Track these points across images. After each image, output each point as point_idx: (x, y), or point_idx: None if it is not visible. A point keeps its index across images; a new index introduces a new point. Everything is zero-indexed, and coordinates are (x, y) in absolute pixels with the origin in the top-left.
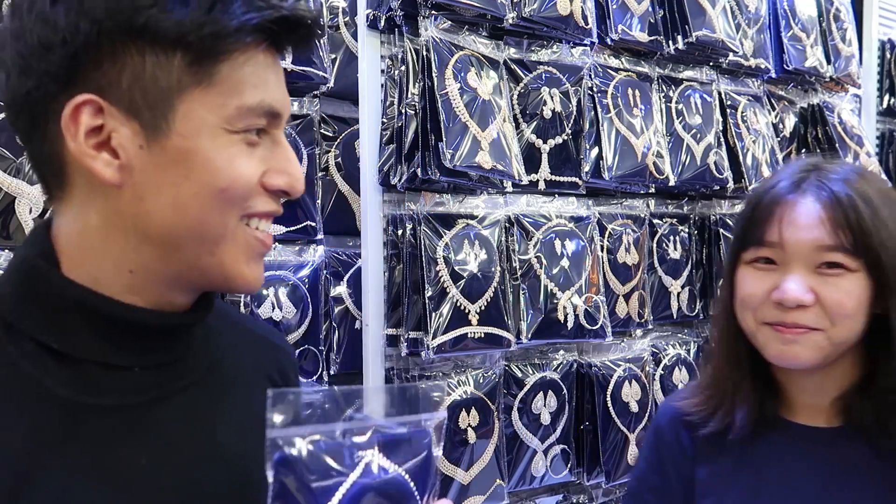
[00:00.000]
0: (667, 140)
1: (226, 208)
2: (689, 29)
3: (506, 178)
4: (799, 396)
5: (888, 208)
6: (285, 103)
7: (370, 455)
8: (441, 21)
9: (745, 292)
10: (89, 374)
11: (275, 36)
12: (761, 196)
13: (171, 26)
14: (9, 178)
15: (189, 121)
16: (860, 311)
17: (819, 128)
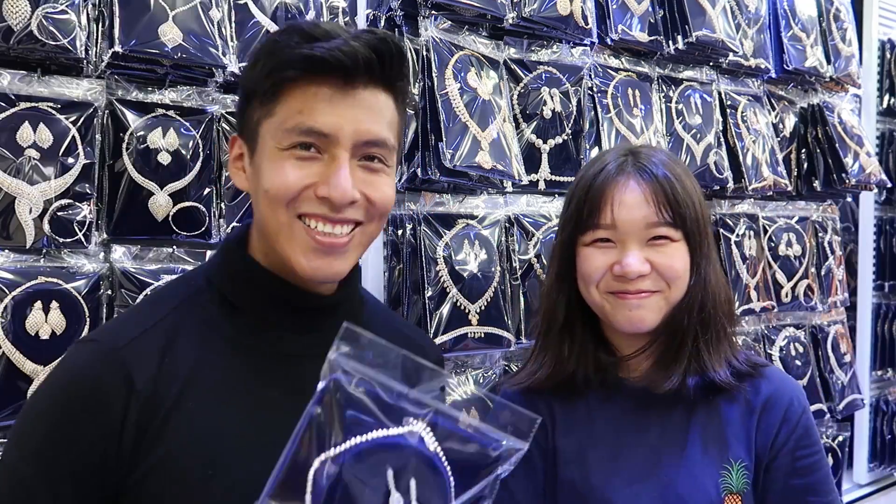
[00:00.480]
0: (667, 140)
1: (275, 207)
2: (689, 29)
3: (506, 178)
4: (630, 359)
5: (688, 179)
6: (335, 125)
7: (418, 426)
8: (441, 21)
9: (590, 269)
10: (253, 325)
11: (321, 73)
12: (591, 182)
13: (248, 83)
14: (9, 178)
15: (262, 144)
16: (686, 273)
17: (819, 128)
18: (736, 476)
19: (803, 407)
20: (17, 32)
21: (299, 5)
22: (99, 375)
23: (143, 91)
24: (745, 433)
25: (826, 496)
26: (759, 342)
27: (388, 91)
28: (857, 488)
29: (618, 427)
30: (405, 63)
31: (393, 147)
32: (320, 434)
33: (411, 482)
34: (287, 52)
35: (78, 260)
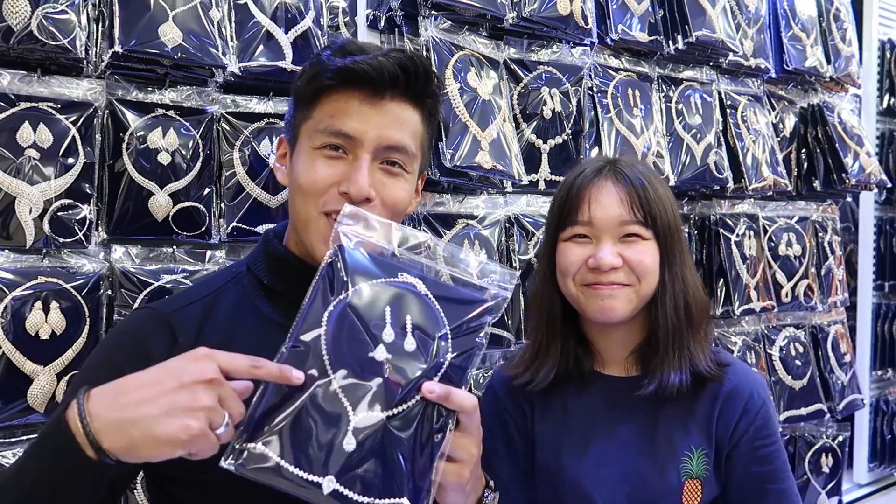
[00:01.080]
0: (667, 140)
1: (306, 200)
2: (689, 29)
3: (506, 178)
4: (606, 352)
5: (662, 188)
6: (360, 130)
7: (411, 278)
8: (441, 21)
9: (567, 262)
10: (285, 305)
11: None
12: (570, 185)
13: (296, 91)
14: (9, 178)
15: (300, 143)
16: (656, 269)
17: (819, 128)
18: (696, 462)
19: (763, 399)
20: (17, 32)
21: (299, 5)
22: (149, 328)
23: (143, 91)
24: (707, 422)
25: (783, 483)
26: (759, 342)
27: (414, 105)
28: (857, 488)
29: (590, 416)
30: (432, 81)
31: (414, 154)
32: (331, 286)
33: (407, 316)
34: (326, 63)
35: (78, 260)
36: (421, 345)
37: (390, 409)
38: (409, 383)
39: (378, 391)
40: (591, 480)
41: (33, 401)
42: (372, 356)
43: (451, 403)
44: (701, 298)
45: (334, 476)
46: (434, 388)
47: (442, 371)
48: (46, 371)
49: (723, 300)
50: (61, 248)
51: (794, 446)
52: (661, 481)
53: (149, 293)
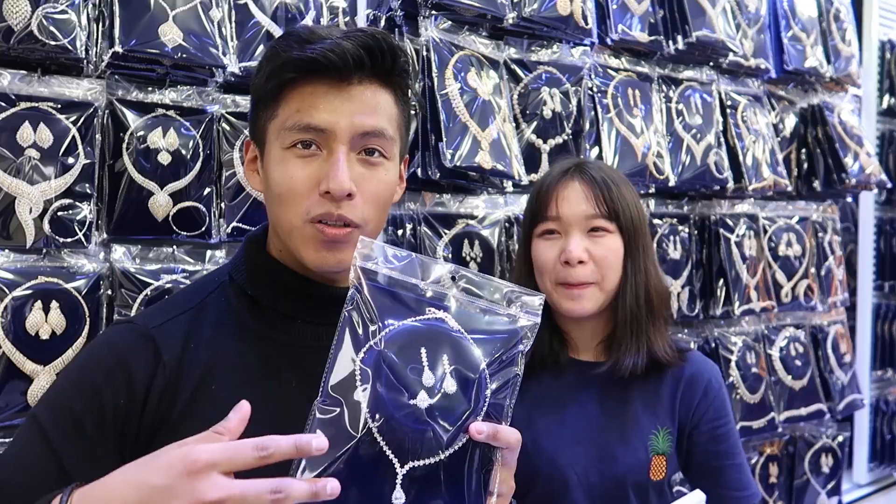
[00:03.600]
0: (667, 140)
1: (287, 209)
2: (689, 29)
3: (506, 178)
4: (580, 341)
5: (626, 188)
6: (330, 121)
7: (439, 313)
8: (441, 21)
9: (542, 259)
10: (271, 316)
11: (316, 73)
12: (540, 185)
13: (255, 90)
14: (9, 178)
15: (269, 145)
16: (619, 263)
17: (819, 128)
18: (662, 440)
19: (720, 384)
20: (17, 32)
21: (299, 5)
22: (131, 344)
23: (143, 91)
24: (671, 404)
25: (737, 458)
26: (759, 342)
27: (384, 86)
28: (857, 488)
29: (564, 397)
30: (399, 59)
31: (392, 138)
32: (357, 332)
33: (443, 357)
34: (284, 56)
35: (78, 260)
36: (462, 385)
37: (438, 455)
38: (456, 426)
39: (424, 439)
40: (565, 457)
41: (33, 401)
42: (414, 403)
43: (498, 441)
44: (662, 290)
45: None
46: (482, 429)
47: (485, 409)
48: (46, 371)
49: (723, 300)
50: (61, 248)
51: (794, 446)
52: (631, 457)
53: (149, 293)
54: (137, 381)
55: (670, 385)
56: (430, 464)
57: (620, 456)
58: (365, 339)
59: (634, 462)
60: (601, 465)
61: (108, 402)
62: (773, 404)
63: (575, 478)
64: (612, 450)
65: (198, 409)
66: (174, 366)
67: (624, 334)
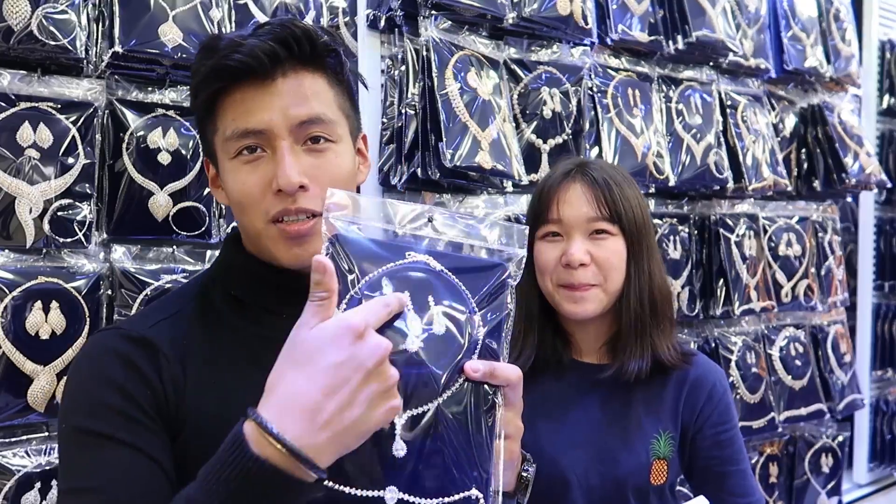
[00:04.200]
0: (667, 140)
1: (248, 215)
2: (689, 29)
3: (506, 178)
4: (582, 342)
5: (630, 188)
6: (265, 120)
7: (420, 256)
8: (441, 21)
9: (542, 261)
10: (255, 314)
11: (235, 79)
12: (542, 187)
13: (193, 109)
14: (9, 178)
15: (220, 158)
16: (622, 265)
17: (819, 128)
18: (664, 444)
19: (725, 388)
20: (17, 32)
21: (299, 5)
22: (128, 349)
23: (143, 91)
24: (674, 408)
25: (741, 464)
26: (759, 342)
27: (311, 70)
28: (857, 488)
29: (566, 399)
30: (318, 40)
31: (333, 121)
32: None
33: (429, 298)
34: (202, 71)
35: (78, 260)
36: (452, 325)
37: (436, 399)
38: (451, 368)
39: (419, 384)
40: (566, 458)
41: (33, 401)
42: (404, 348)
43: (496, 379)
44: (666, 292)
45: (395, 486)
46: (478, 367)
47: (479, 347)
48: (46, 371)
49: (723, 300)
50: (61, 248)
51: (794, 446)
52: (632, 461)
53: (149, 293)
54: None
55: (674, 388)
56: (428, 410)
57: (621, 459)
58: (346, 290)
59: (635, 465)
60: (602, 468)
61: (134, 392)
62: (773, 404)
63: (575, 480)
64: (613, 452)
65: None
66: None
67: (628, 338)
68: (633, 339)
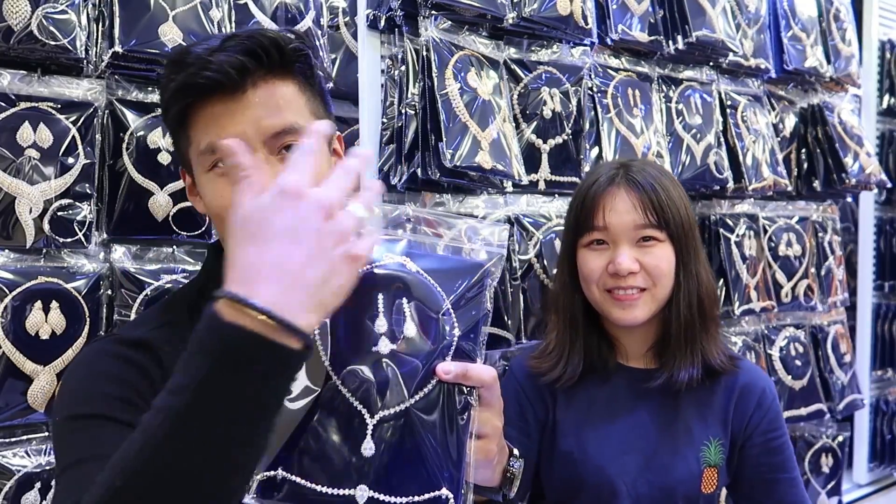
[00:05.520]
0: (667, 140)
1: (227, 226)
2: (689, 29)
3: (506, 178)
4: (629, 347)
5: (676, 190)
6: (238, 133)
7: (399, 258)
8: (441, 21)
9: (588, 269)
10: None
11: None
12: (586, 192)
13: (165, 123)
14: (9, 178)
15: (196, 171)
16: (671, 271)
17: (819, 128)
18: (714, 451)
19: (774, 395)
20: (17, 32)
21: (299, 5)
22: (126, 350)
23: (143, 91)
24: (724, 415)
25: (792, 472)
26: (759, 342)
27: (281, 78)
28: (857, 488)
29: (613, 405)
30: (286, 47)
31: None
32: None
33: (402, 300)
34: (170, 87)
35: (78, 260)
36: (424, 326)
37: (406, 402)
38: (422, 369)
39: (391, 386)
40: (614, 466)
41: (33, 401)
42: (376, 350)
43: (469, 380)
44: (713, 294)
45: (366, 485)
46: (450, 368)
47: (453, 348)
48: (46, 371)
49: (723, 300)
50: (61, 248)
51: (794, 446)
52: (682, 469)
53: (149, 293)
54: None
55: (723, 394)
56: (399, 411)
57: (671, 467)
58: None
59: (686, 474)
60: (651, 476)
61: (133, 381)
62: None
63: (623, 488)
64: (662, 460)
65: None
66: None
67: (678, 345)
68: (683, 347)
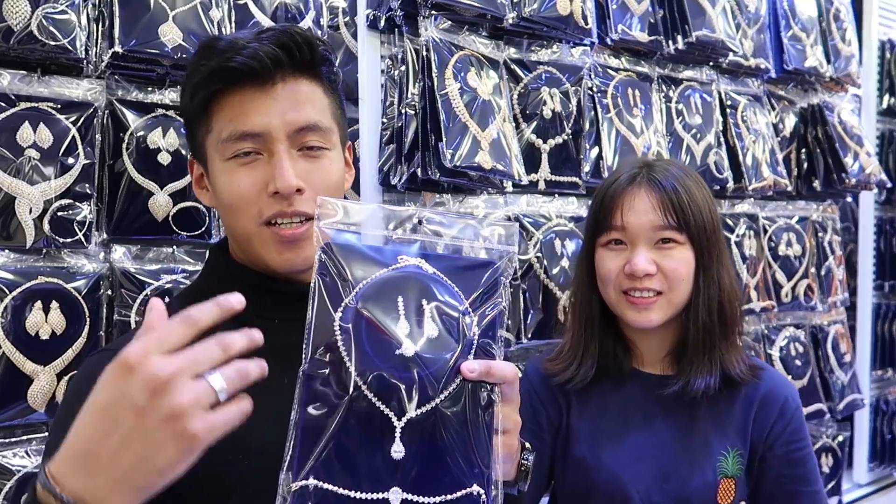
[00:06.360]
0: (667, 140)
1: (240, 217)
2: (689, 29)
3: (506, 178)
4: (645, 351)
5: (699, 191)
6: (263, 123)
7: (412, 260)
8: (441, 21)
9: (605, 269)
10: (248, 321)
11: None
12: (605, 191)
13: (183, 109)
14: (9, 178)
15: (211, 160)
16: (689, 276)
17: (819, 128)
18: (732, 462)
19: (797, 405)
20: (17, 32)
21: (299, 5)
22: None
23: (143, 91)
24: (743, 424)
25: (814, 485)
26: (759, 342)
27: (309, 78)
28: (857, 488)
29: (628, 411)
30: (317, 49)
31: (328, 129)
32: (332, 290)
33: (422, 301)
34: (202, 71)
35: (78, 260)
36: (446, 327)
37: (433, 401)
38: (447, 369)
39: (416, 387)
40: (628, 474)
41: (33, 401)
42: (399, 353)
43: (493, 377)
44: (735, 301)
45: (399, 487)
46: (474, 367)
47: (474, 346)
48: (46, 371)
49: None
50: (61, 248)
51: None
52: (698, 478)
53: (149, 293)
54: None
55: (743, 403)
56: (426, 412)
57: (687, 477)
58: (340, 298)
59: (701, 484)
60: (665, 485)
61: None
62: None
63: (637, 497)
64: (677, 469)
65: None
66: None
67: (696, 352)
68: (700, 355)
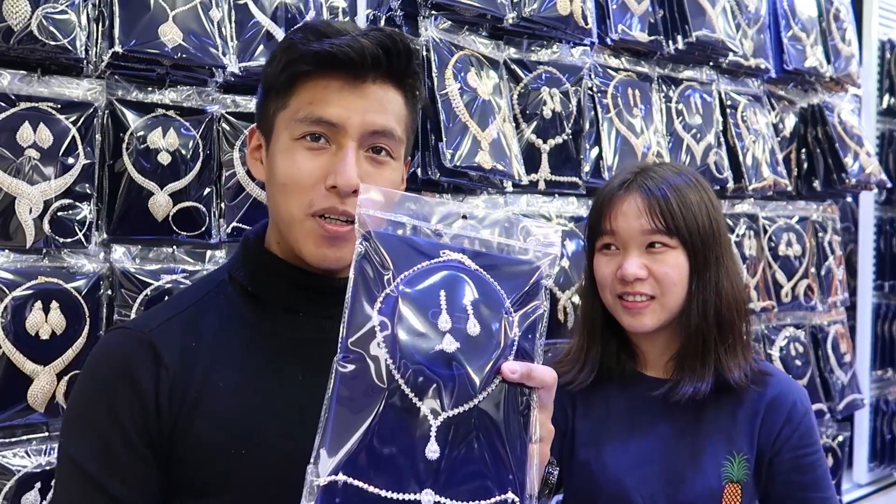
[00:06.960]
0: (667, 140)
1: (290, 200)
2: (689, 29)
3: (506, 178)
4: (648, 355)
5: (696, 195)
6: (342, 116)
7: (455, 255)
8: (441, 21)
9: (601, 274)
10: (273, 312)
11: (331, 67)
12: (600, 196)
13: (267, 78)
14: (9, 178)
15: (277, 135)
16: (683, 280)
17: (819, 128)
18: (737, 467)
19: (806, 409)
20: (17, 32)
21: (299, 5)
22: (129, 353)
23: (143, 91)
24: (749, 429)
25: (825, 492)
26: (759, 342)
27: (397, 87)
28: (857, 488)
29: (632, 415)
30: (414, 60)
31: (400, 139)
32: (372, 280)
33: (465, 297)
34: (300, 48)
35: (78, 260)
36: (488, 325)
37: (472, 401)
38: (488, 369)
39: (456, 385)
40: (631, 478)
41: (33, 401)
42: (440, 348)
43: (533, 380)
44: (738, 306)
45: (431, 489)
46: (515, 368)
47: (515, 348)
48: (46, 371)
49: None
50: (61, 248)
51: None
52: (702, 484)
53: (149, 293)
54: (144, 389)
55: (749, 408)
56: (464, 411)
57: (691, 482)
58: (380, 288)
59: (705, 490)
60: (670, 490)
61: (127, 420)
62: None
63: (640, 501)
64: (682, 474)
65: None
66: (176, 366)
67: (688, 356)
68: (693, 359)
